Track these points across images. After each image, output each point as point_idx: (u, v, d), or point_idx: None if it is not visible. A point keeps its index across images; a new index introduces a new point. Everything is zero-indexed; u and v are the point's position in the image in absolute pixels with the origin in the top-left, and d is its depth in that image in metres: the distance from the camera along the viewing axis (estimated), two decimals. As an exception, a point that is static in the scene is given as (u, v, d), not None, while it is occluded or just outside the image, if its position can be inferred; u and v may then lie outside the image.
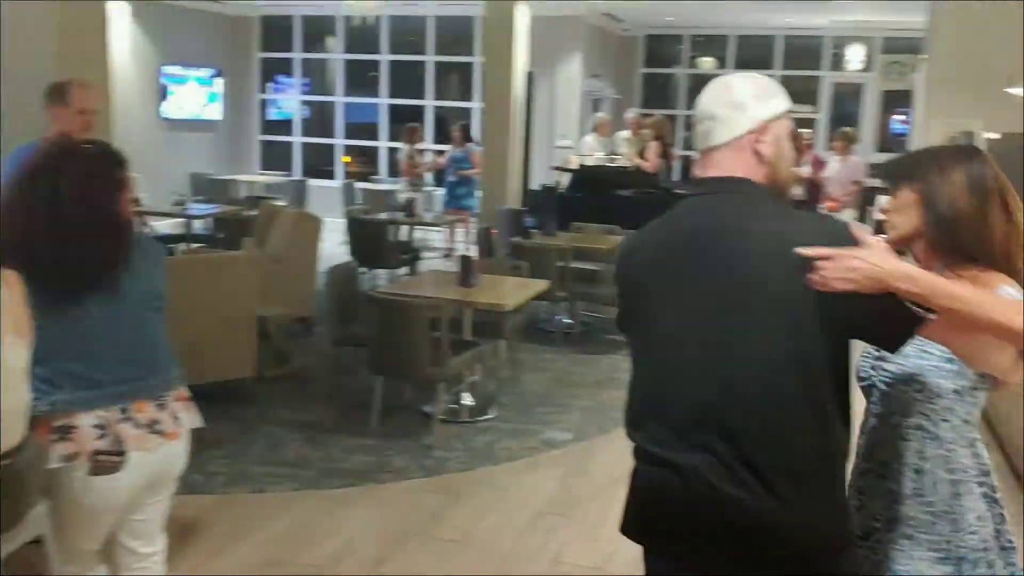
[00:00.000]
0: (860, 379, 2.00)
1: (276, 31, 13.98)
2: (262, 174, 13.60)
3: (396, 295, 4.99)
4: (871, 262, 1.50)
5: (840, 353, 1.64)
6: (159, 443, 2.40)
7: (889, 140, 13.57)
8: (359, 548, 3.68)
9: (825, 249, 1.52)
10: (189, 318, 5.03)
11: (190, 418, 2.54)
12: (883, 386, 1.95)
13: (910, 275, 1.52)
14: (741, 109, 1.71)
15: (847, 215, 8.14)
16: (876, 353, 1.97)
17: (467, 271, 5.28)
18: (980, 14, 7.25)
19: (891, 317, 1.57)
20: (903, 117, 13.59)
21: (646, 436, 1.80)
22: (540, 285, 5.61)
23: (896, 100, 13.82)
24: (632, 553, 3.67)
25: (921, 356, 1.87)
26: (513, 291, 5.33)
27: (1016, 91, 6.76)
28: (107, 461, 2.29)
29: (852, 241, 1.56)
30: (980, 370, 1.82)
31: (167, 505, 2.60)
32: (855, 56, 12.29)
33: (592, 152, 10.37)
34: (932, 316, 1.56)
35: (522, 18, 9.75)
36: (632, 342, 1.85)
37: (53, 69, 4.22)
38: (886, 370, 1.94)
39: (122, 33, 11.28)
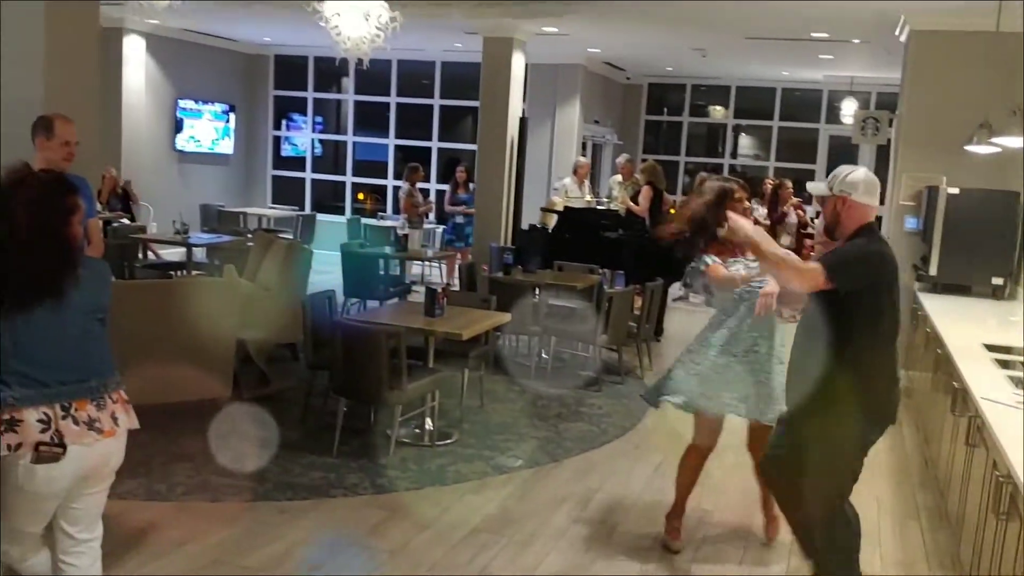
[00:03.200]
0: None
1: (290, 70, 14.52)
2: (272, 208, 14.05)
3: (359, 321, 5.30)
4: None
5: None
6: (96, 439, 2.71)
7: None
8: (298, 554, 3.96)
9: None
10: (168, 339, 5.38)
11: (128, 419, 2.84)
12: None
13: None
14: None
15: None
16: None
17: (431, 302, 5.59)
18: (946, 76, 7.56)
19: None
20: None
21: None
22: (501, 318, 5.91)
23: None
24: (555, 565, 3.94)
25: None
26: (475, 322, 5.63)
27: (975, 149, 7.02)
28: (48, 452, 2.60)
29: None
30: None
31: (103, 497, 2.89)
32: (848, 110, 12.60)
33: (571, 194, 10.69)
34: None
35: (517, 66, 10.17)
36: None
37: (42, 102, 4.58)
38: None
39: (137, 67, 11.84)
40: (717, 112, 15.38)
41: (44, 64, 4.54)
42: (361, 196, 14.94)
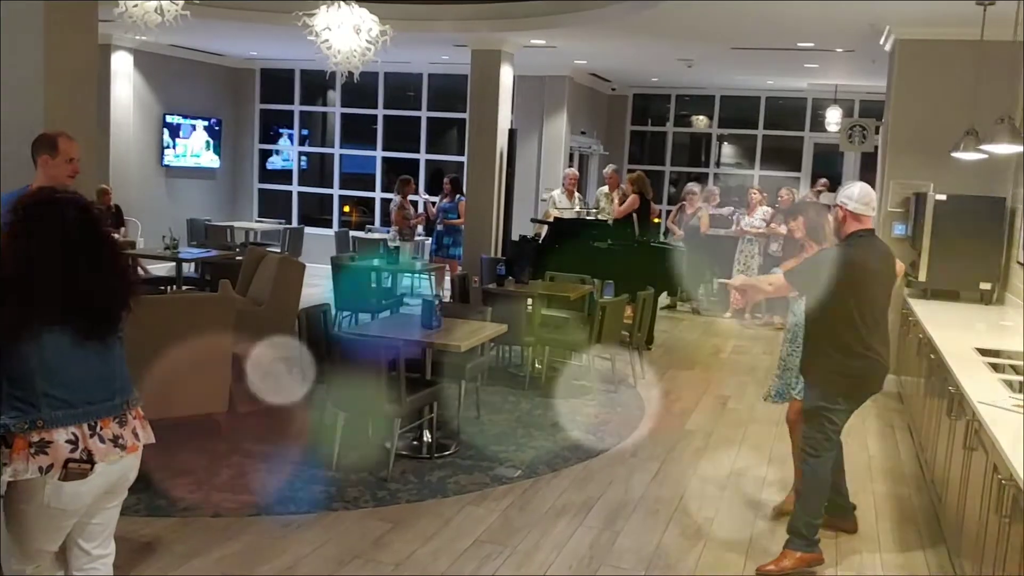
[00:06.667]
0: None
1: (276, 83, 14.52)
2: (259, 221, 14.03)
3: (356, 335, 5.31)
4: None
5: None
6: (120, 455, 2.71)
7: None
8: (304, 568, 3.96)
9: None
10: (165, 355, 5.36)
11: (145, 434, 2.85)
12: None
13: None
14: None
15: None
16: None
17: (428, 314, 5.61)
18: (932, 84, 7.66)
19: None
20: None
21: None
22: (497, 329, 5.93)
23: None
24: (560, 574, 3.95)
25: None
26: (472, 334, 5.65)
27: (962, 156, 7.10)
28: (77, 468, 2.60)
29: None
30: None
31: (118, 512, 2.90)
32: (833, 118, 12.73)
33: (559, 205, 10.76)
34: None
35: (506, 78, 10.22)
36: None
37: (42, 120, 4.57)
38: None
39: (125, 82, 11.82)
40: (700, 122, 15.49)
41: (44, 82, 4.53)
42: (347, 208, 14.93)
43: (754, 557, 4.30)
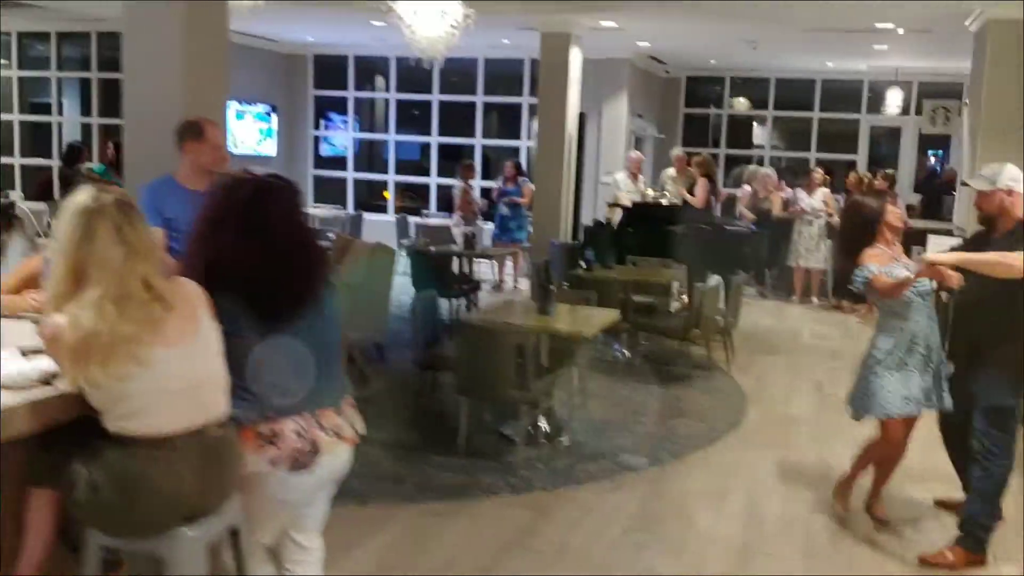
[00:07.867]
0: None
1: (329, 70, 14.47)
2: (316, 207, 14.00)
3: (485, 321, 5.29)
4: None
5: None
6: (341, 446, 2.69)
7: (926, 183, 13.77)
8: (466, 558, 3.95)
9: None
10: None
11: (360, 424, 2.82)
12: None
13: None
14: None
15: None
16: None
17: (546, 300, 5.59)
18: (1026, 62, 7.56)
19: None
20: (936, 158, 14.09)
21: None
22: (612, 315, 5.90)
23: (930, 143, 14.12)
24: (718, 564, 3.92)
25: None
26: (587, 320, 5.62)
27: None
28: (304, 459, 2.58)
29: None
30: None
31: (329, 503, 2.89)
32: (893, 100, 12.58)
33: (623, 188, 10.65)
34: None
35: (575, 61, 10.15)
36: None
37: (180, 108, 4.56)
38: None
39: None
40: (740, 104, 15.33)
41: (184, 76, 4.53)
42: (386, 195, 14.90)
43: (908, 545, 4.25)
